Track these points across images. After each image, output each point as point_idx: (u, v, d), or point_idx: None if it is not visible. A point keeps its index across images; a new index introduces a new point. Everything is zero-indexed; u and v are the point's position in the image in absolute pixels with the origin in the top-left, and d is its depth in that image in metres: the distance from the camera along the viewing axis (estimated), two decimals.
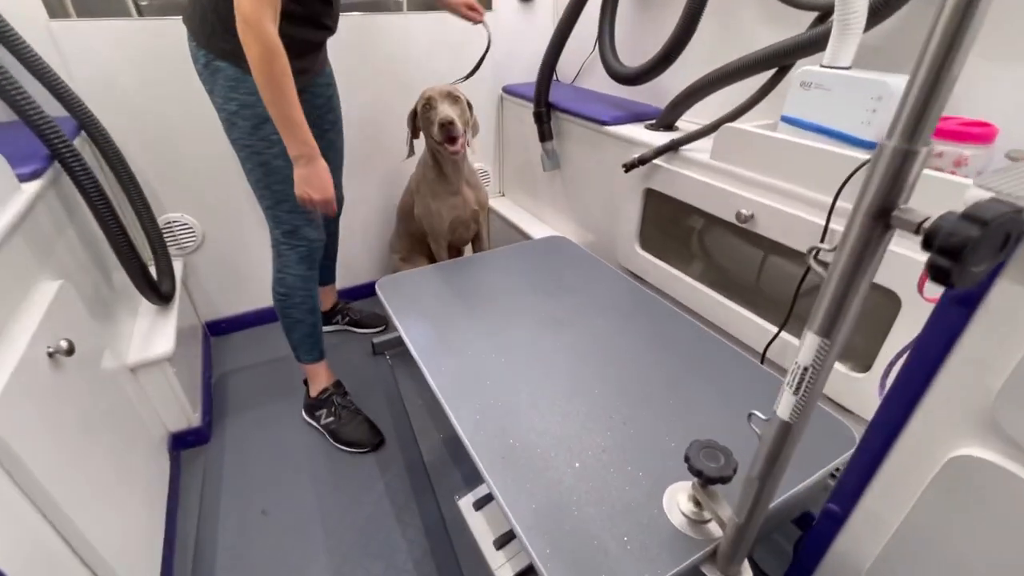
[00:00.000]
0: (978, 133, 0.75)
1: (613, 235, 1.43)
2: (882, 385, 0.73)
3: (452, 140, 1.30)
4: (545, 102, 1.52)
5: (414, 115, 1.37)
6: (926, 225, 0.34)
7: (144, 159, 1.39)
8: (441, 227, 1.48)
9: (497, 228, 1.96)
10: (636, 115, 1.38)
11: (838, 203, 0.84)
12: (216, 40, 0.99)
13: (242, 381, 1.53)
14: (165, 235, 1.48)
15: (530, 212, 1.88)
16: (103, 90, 1.28)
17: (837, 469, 0.74)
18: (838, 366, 0.93)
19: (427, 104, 1.31)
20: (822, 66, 0.90)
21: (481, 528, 0.96)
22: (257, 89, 0.92)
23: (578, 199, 1.58)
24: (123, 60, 1.28)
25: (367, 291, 1.91)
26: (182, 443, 1.29)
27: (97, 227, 1.06)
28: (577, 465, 0.76)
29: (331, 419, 1.34)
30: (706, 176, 1.08)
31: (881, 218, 0.37)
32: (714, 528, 0.67)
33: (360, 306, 1.79)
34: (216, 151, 1.43)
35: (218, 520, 1.13)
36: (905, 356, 0.55)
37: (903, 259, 0.77)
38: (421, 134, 1.40)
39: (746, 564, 0.65)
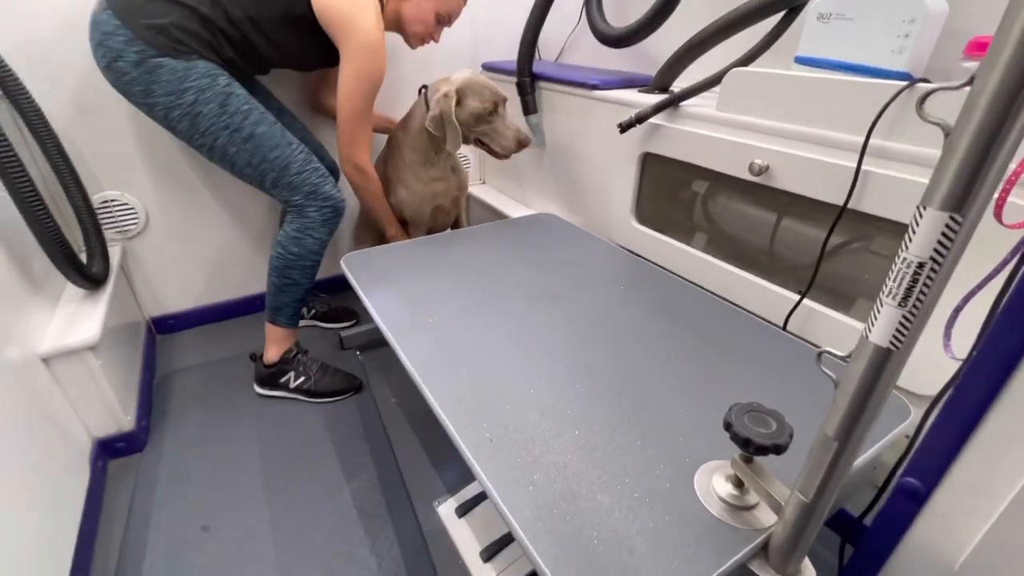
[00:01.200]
0: None
1: (606, 211, 1.31)
2: (947, 335, 0.61)
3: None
4: (529, 71, 1.41)
5: (452, 103, 1.19)
6: None
7: (78, 130, 1.22)
8: (423, 213, 1.35)
9: (478, 216, 1.83)
10: (628, 81, 1.28)
11: (871, 142, 0.74)
12: (161, 38, 0.95)
13: (190, 381, 1.34)
14: (102, 215, 1.31)
15: (514, 198, 1.75)
16: (31, 51, 1.12)
17: (907, 436, 0.61)
18: (852, 322, 0.81)
19: (492, 109, 1.21)
20: None
21: (465, 539, 0.81)
22: (206, 72, 0.99)
23: (566, 177, 1.46)
24: (58, 20, 1.12)
25: (338, 284, 1.75)
26: (110, 451, 1.10)
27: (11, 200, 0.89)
28: (584, 447, 0.61)
29: (303, 378, 1.27)
30: (713, 130, 0.97)
31: None
32: (761, 515, 0.53)
33: (329, 301, 1.63)
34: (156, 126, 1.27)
35: (147, 541, 0.94)
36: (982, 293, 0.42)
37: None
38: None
39: (807, 562, 0.51)
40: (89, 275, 1.08)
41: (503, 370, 0.74)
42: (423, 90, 1.29)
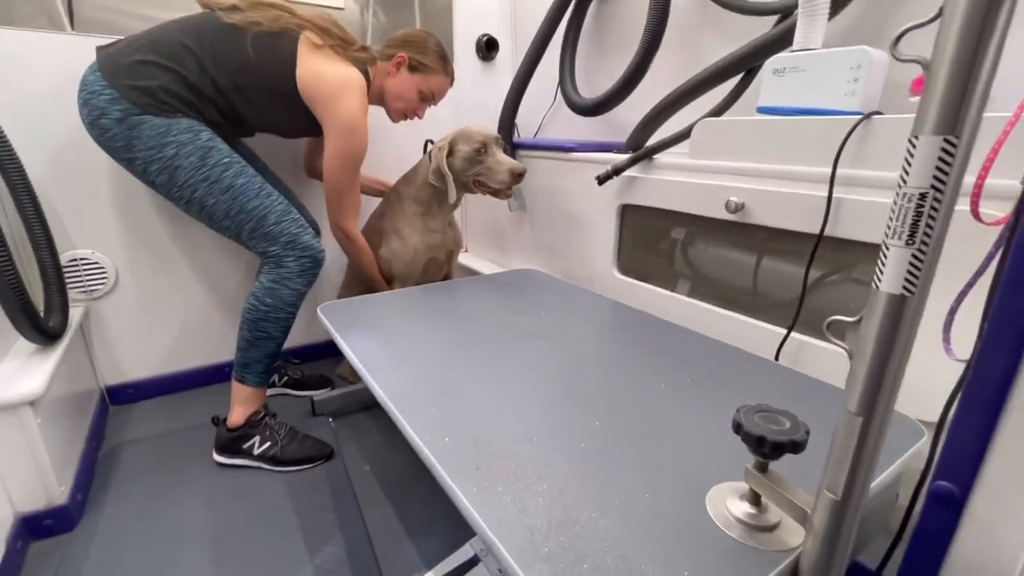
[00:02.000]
0: None
1: (589, 265, 1.32)
2: (946, 338, 0.60)
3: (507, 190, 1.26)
4: (509, 139, 1.49)
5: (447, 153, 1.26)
6: None
7: (56, 186, 1.21)
8: (417, 265, 1.34)
9: None
10: (603, 146, 1.35)
11: (838, 171, 0.77)
12: (146, 99, 0.98)
13: (141, 452, 1.21)
14: (69, 274, 1.26)
15: (497, 263, 1.76)
16: (16, 105, 1.14)
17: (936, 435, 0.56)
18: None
19: (481, 148, 1.23)
20: (792, 51, 0.89)
21: None
22: (188, 128, 1.02)
23: (548, 236, 1.49)
24: (47, 79, 1.16)
25: (313, 353, 1.67)
26: (35, 529, 0.95)
27: None
28: (580, 472, 0.55)
29: (268, 443, 1.16)
30: (687, 176, 1.02)
31: None
32: (785, 535, 0.47)
33: (303, 368, 1.55)
34: (138, 185, 1.28)
35: None
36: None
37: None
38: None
39: None
40: (43, 328, 1.01)
41: (487, 402, 0.68)
42: (428, 144, 1.35)
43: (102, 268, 1.30)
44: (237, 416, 1.15)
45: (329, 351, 1.70)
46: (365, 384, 0.75)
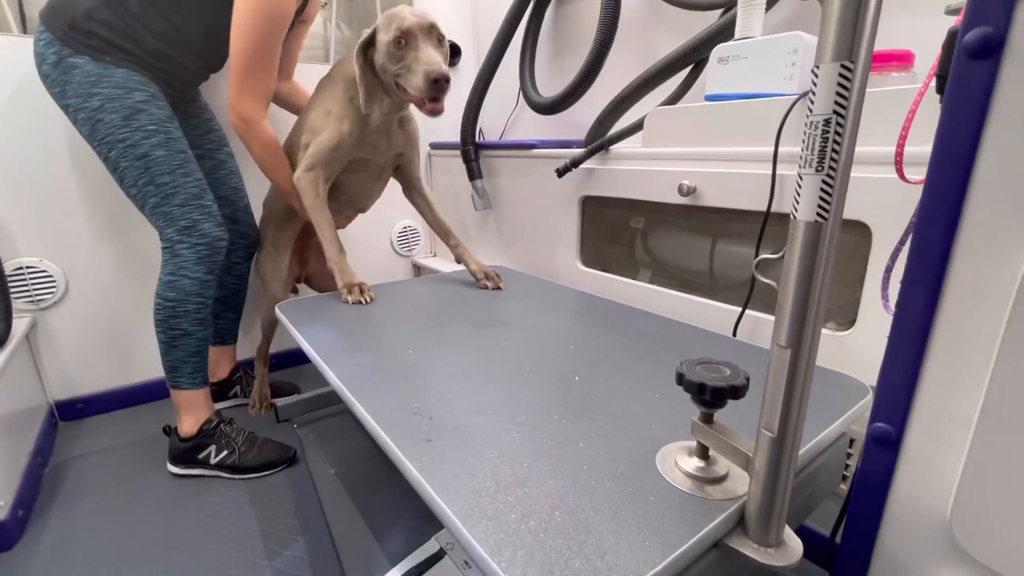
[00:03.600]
0: (899, 56, 0.76)
1: (553, 258, 1.33)
2: (884, 296, 0.62)
3: (437, 100, 0.93)
4: (472, 140, 1.50)
5: (367, 45, 0.96)
6: None
7: (1, 191, 1.17)
8: (337, 157, 1.05)
9: None
10: (563, 144, 1.38)
11: (780, 149, 0.80)
12: (75, 34, 0.92)
13: (88, 468, 1.15)
14: (14, 282, 1.21)
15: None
16: None
17: (871, 387, 0.58)
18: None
19: (401, 38, 0.91)
20: (735, 40, 0.93)
21: None
22: (123, 83, 0.95)
23: (513, 232, 1.50)
24: None
25: (277, 362, 1.63)
26: None
27: None
28: (532, 440, 0.55)
29: (226, 452, 1.11)
30: (642, 165, 1.04)
31: None
32: (734, 485, 0.47)
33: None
34: (88, 189, 1.25)
35: None
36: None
37: (867, 183, 0.71)
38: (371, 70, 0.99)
39: (790, 531, 0.44)
40: None
41: (444, 382, 0.68)
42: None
43: (51, 277, 1.26)
44: (188, 425, 1.10)
45: (299, 358, 1.66)
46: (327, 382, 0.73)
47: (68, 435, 1.29)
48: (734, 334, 0.88)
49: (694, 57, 1.05)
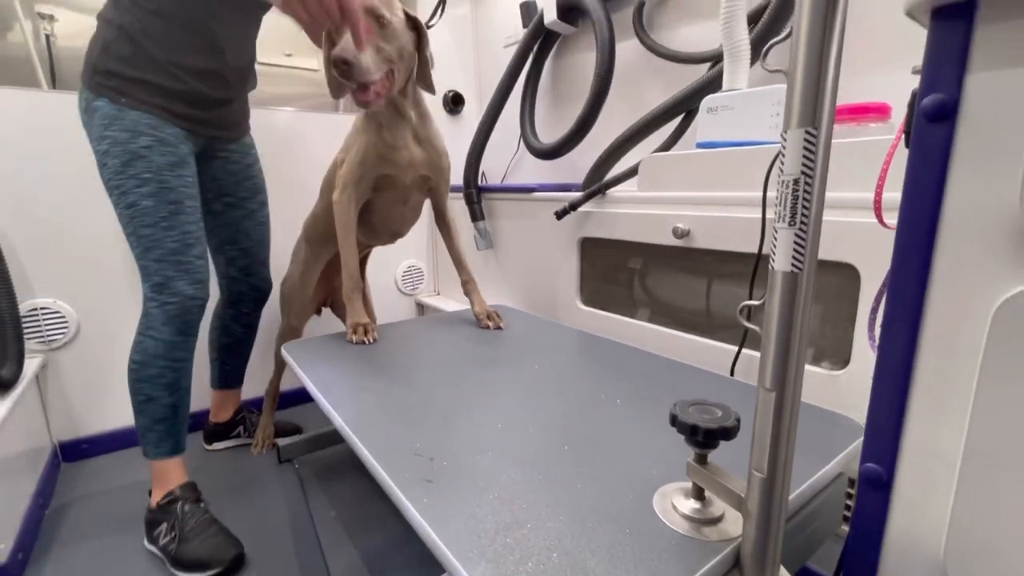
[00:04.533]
0: (877, 109, 0.80)
1: (554, 298, 1.36)
2: (871, 335, 0.64)
3: (363, 89, 0.89)
4: (474, 184, 1.56)
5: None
6: None
7: (19, 234, 1.22)
8: (365, 176, 1.05)
9: None
10: (562, 187, 1.43)
11: (769, 194, 0.84)
12: (97, 77, 0.93)
13: (87, 511, 1.15)
14: (28, 323, 1.24)
15: (466, 302, 1.78)
16: None
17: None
18: (816, 369, 0.82)
19: (332, 29, 0.88)
20: (722, 92, 0.98)
21: None
22: (133, 127, 0.93)
23: (514, 272, 1.53)
24: (8, 131, 1.19)
25: (286, 400, 1.64)
26: None
27: None
28: (531, 480, 0.55)
29: (169, 536, 0.98)
30: (638, 208, 1.08)
31: None
32: (729, 526, 0.48)
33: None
34: (105, 232, 1.29)
35: None
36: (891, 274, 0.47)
37: (853, 227, 0.74)
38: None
39: (784, 572, 0.45)
40: None
41: (444, 422, 0.69)
42: None
43: (63, 317, 1.29)
44: (154, 496, 1.03)
45: (307, 396, 1.67)
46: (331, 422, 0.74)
47: (70, 475, 1.29)
48: (731, 373, 0.90)
49: (685, 107, 1.11)
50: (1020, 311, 0.38)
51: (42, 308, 1.26)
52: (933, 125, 0.41)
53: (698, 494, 0.50)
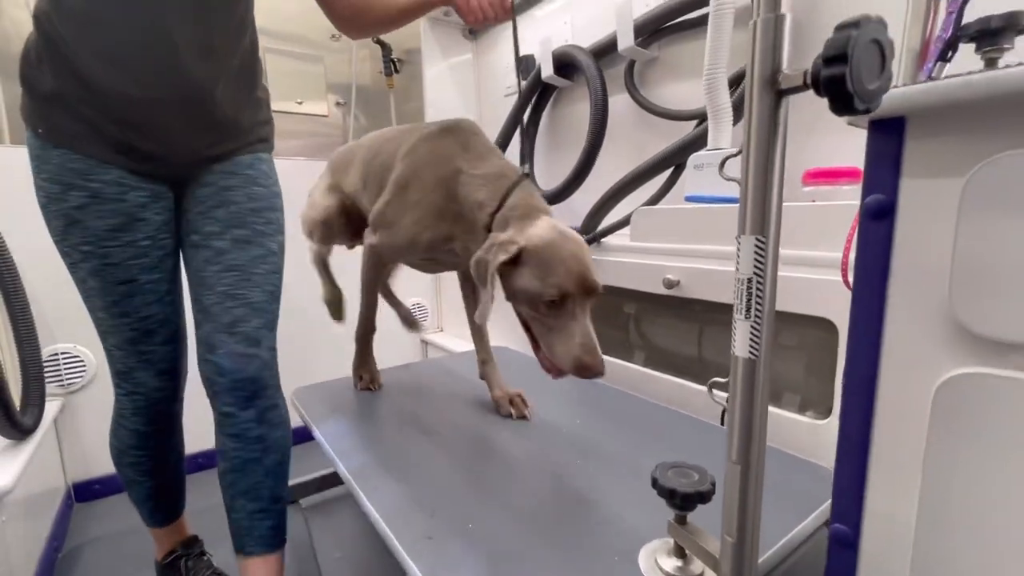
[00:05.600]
0: (849, 173, 0.85)
1: None
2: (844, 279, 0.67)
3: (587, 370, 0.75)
4: None
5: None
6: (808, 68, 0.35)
7: (42, 281, 1.28)
8: (413, 249, 0.93)
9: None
10: None
11: None
12: (23, 100, 0.73)
13: (98, 555, 1.18)
14: (49, 367, 1.29)
15: (471, 342, 1.83)
16: (11, 205, 1.24)
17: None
18: (800, 418, 0.86)
19: (556, 300, 0.77)
20: (707, 150, 1.04)
21: None
22: (59, 175, 0.71)
23: (513, 313, 1.57)
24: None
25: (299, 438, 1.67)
26: None
27: None
28: (528, 531, 0.59)
29: None
30: (630, 257, 1.13)
31: (772, 86, 0.38)
32: None
33: None
34: None
35: None
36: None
37: (830, 284, 0.78)
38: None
39: None
40: (18, 423, 1.03)
41: (446, 475, 0.73)
42: (524, 171, 0.95)
43: (81, 361, 1.34)
44: (158, 551, 1.02)
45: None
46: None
47: (83, 516, 1.32)
48: (722, 423, 0.93)
49: (674, 161, 1.17)
50: (957, 392, 0.42)
51: (63, 353, 1.32)
52: (875, 222, 0.46)
53: (679, 552, 0.54)
